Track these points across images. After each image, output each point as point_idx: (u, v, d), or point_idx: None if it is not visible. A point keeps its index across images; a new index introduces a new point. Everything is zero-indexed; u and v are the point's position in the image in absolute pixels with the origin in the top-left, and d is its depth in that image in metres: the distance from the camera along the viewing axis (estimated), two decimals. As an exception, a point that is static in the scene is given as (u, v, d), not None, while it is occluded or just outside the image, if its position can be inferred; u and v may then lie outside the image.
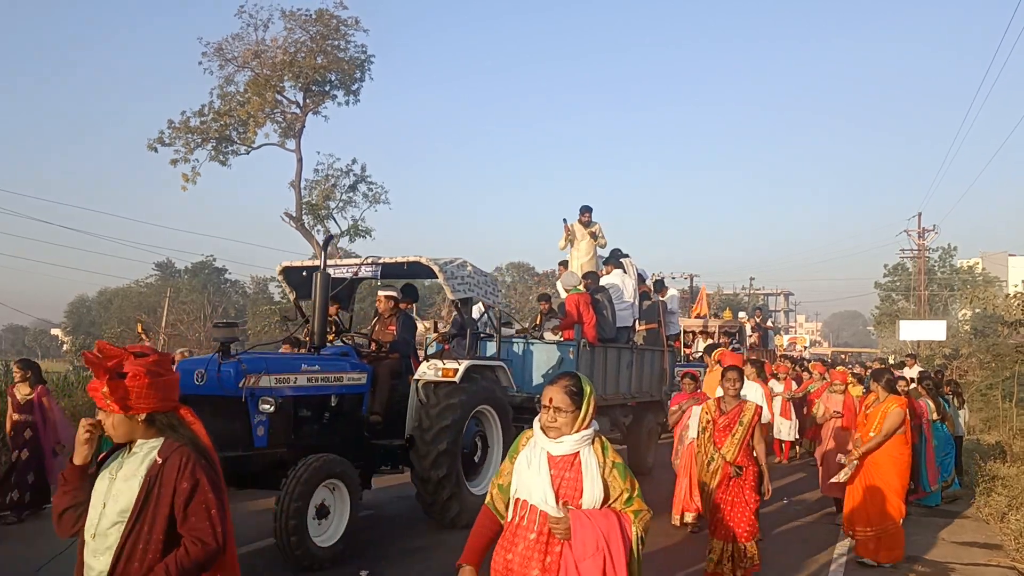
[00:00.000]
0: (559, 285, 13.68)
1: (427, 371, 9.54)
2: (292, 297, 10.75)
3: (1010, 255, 75.12)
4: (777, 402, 15.36)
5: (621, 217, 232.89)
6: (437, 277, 9.52)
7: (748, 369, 12.94)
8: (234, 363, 7.97)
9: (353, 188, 39.85)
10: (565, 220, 14.81)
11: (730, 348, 25.61)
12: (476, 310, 12.95)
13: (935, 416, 12.26)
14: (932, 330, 42.65)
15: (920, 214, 50.70)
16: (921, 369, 21.46)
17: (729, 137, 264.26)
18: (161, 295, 60.81)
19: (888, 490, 8.61)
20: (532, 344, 12.00)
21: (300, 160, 38.28)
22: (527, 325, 13.42)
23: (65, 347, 75.96)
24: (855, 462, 8.62)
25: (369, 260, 9.70)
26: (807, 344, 62.45)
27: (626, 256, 14.64)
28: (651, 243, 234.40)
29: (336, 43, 37.80)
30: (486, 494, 3.98)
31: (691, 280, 59.48)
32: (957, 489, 13.01)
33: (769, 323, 34.52)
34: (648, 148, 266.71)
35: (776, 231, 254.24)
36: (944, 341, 42.25)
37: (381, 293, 10.19)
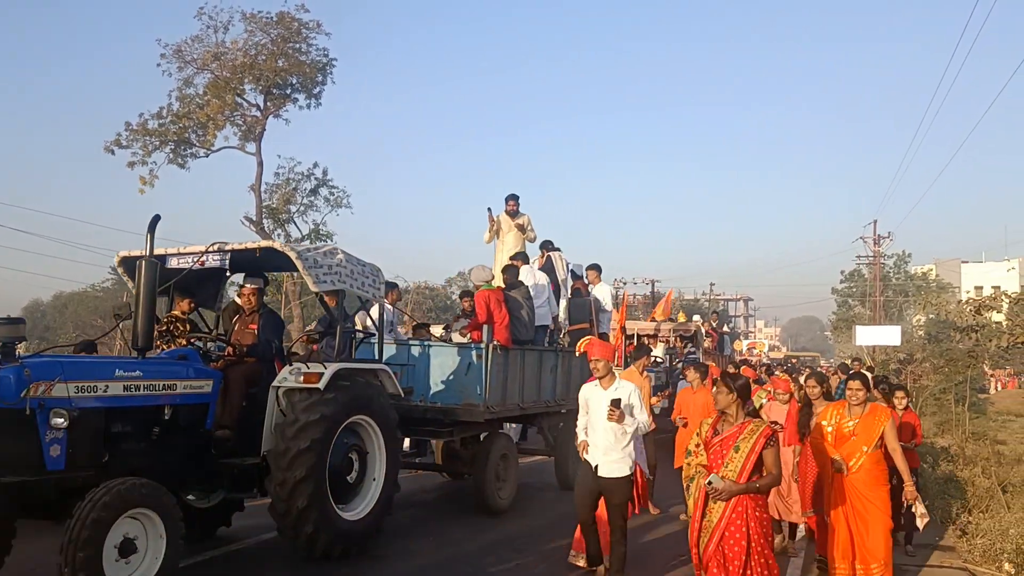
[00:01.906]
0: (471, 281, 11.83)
1: (288, 377, 7.68)
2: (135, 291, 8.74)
3: (962, 262, 74.77)
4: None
5: (581, 222, 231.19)
6: (296, 267, 7.63)
7: (692, 374, 11.33)
8: (15, 368, 6.07)
9: (314, 192, 37.78)
10: (490, 210, 13.00)
11: (685, 352, 24.13)
12: (375, 310, 11.11)
13: None
14: (887, 335, 41.99)
15: (876, 221, 50.22)
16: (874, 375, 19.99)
17: (688, 142, 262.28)
18: (118, 299, 58.40)
19: (884, 513, 7.10)
20: (430, 347, 10.15)
21: (261, 163, 36.18)
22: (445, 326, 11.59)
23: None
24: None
25: (215, 246, 7.80)
26: (766, 349, 60.91)
27: (556, 249, 12.83)
28: (612, 248, 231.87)
29: (297, 46, 35.79)
30: (362, 518, 3.43)
31: (652, 285, 57.89)
32: None
33: (726, 327, 32.83)
34: (609, 153, 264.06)
35: (736, 237, 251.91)
36: (899, 346, 41.33)
37: (247, 285, 8.31)
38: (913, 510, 7.50)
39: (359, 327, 10.21)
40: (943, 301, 33.17)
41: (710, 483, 5.47)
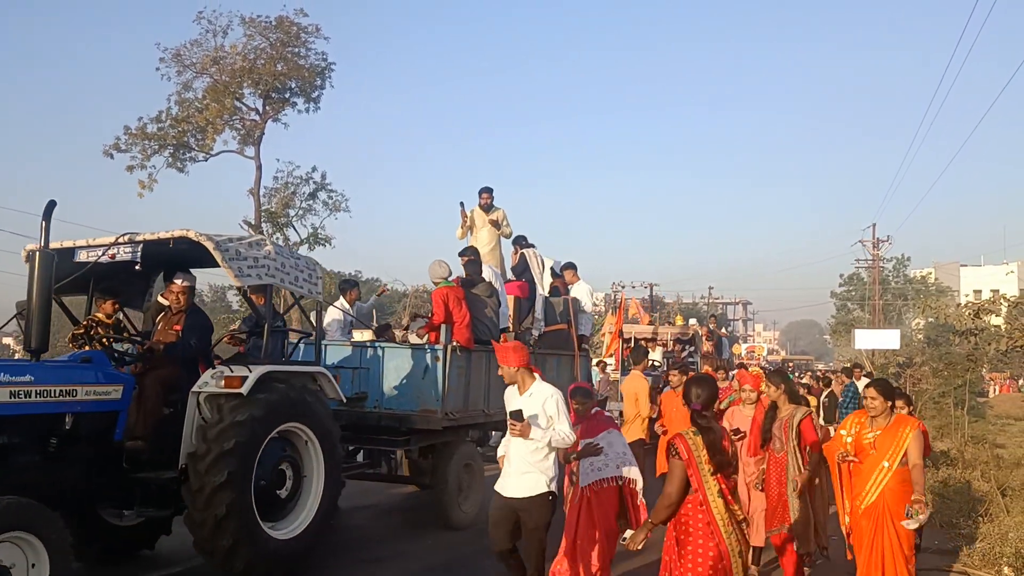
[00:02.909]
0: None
1: (209, 381, 6.73)
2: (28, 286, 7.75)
3: (961, 265, 73.72)
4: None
5: (580, 223, 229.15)
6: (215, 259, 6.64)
7: (676, 378, 10.36)
8: None
9: (313, 196, 36.83)
10: (462, 204, 12.01)
11: (683, 356, 23.17)
12: (331, 313, 10.16)
13: None
14: (886, 339, 40.69)
15: (875, 225, 49.17)
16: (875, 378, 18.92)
17: (687, 146, 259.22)
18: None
19: (905, 546, 6.07)
20: (385, 349, 9.18)
21: (259, 167, 35.43)
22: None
23: (17, 355, 72.85)
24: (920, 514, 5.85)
25: (125, 237, 6.83)
26: (765, 353, 59.73)
27: (531, 246, 11.84)
28: (610, 251, 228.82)
29: (296, 50, 35.09)
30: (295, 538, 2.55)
31: (651, 289, 56.69)
32: None
33: (723, 331, 31.83)
34: (608, 155, 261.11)
35: (734, 241, 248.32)
36: (898, 350, 40.07)
37: (177, 283, 7.33)
38: (908, 513, 6.37)
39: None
40: (942, 305, 32.56)
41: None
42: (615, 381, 18.14)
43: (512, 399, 6.11)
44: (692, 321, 29.82)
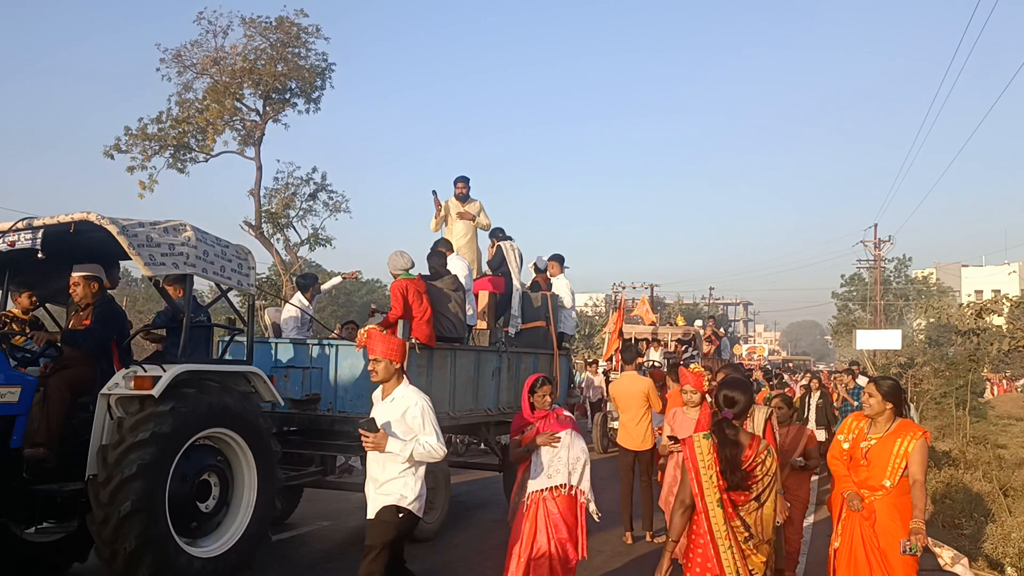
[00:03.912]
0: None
1: (120, 382, 5.87)
2: None
3: (963, 266, 72.62)
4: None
5: (580, 224, 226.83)
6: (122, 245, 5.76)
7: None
8: None
9: (313, 197, 36.05)
10: (435, 193, 11.12)
11: (685, 356, 22.34)
12: (287, 310, 9.28)
13: None
14: (888, 339, 39.72)
15: (876, 225, 48.40)
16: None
17: (689, 147, 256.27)
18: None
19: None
20: (338, 347, 8.29)
21: (260, 168, 34.65)
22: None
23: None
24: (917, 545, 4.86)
25: (23, 222, 5.96)
26: (766, 353, 58.55)
27: (508, 238, 10.96)
28: (611, 251, 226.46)
29: (296, 51, 34.33)
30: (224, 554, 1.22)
31: (651, 290, 55.57)
32: None
33: (721, 330, 30.92)
34: (609, 155, 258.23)
35: (735, 241, 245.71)
36: (899, 350, 39.08)
37: (75, 274, 6.44)
38: (905, 549, 5.43)
39: (268, 325, 8.42)
40: (944, 305, 32.03)
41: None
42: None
43: (374, 405, 5.22)
44: (697, 323, 28.93)
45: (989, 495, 10.57)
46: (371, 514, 5.01)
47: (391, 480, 4.95)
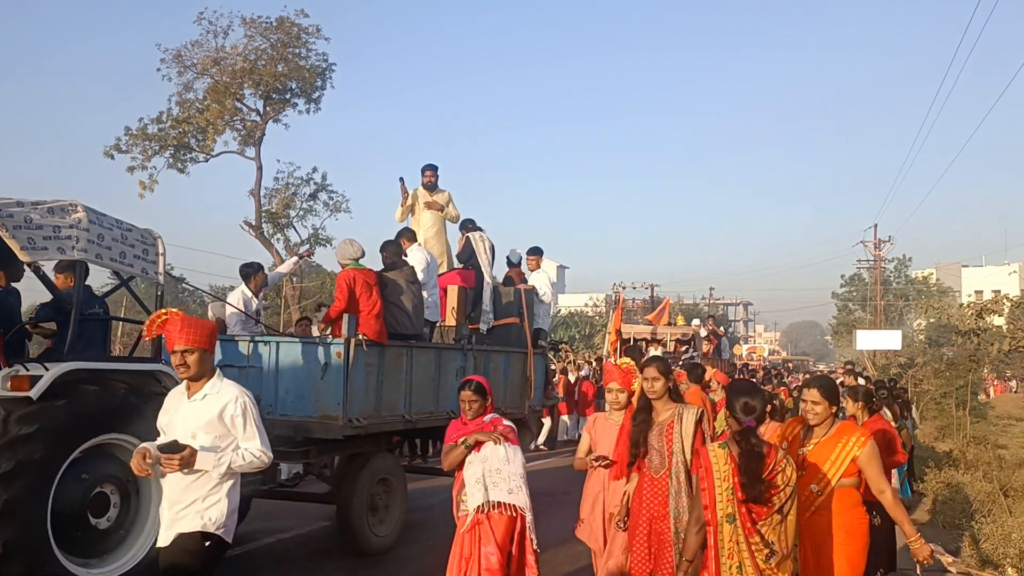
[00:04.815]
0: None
1: (-4, 382, 5.00)
2: None
3: (963, 266, 71.69)
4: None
5: (580, 224, 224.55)
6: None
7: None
8: None
9: (313, 197, 35.39)
10: (402, 180, 10.25)
11: (685, 356, 21.53)
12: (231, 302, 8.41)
13: (893, 425, 9.60)
14: (888, 339, 39.07)
15: (876, 225, 47.44)
16: (877, 379, 17.47)
17: (689, 147, 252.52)
18: (116, 304, 55.72)
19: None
20: (276, 344, 7.38)
21: (260, 168, 34.02)
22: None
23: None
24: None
25: None
26: (766, 353, 57.44)
27: (479, 229, 10.07)
28: (611, 252, 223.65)
29: (297, 51, 33.73)
30: None
31: (652, 290, 54.68)
32: (908, 497, 11.22)
33: (721, 329, 30.07)
34: (611, 157, 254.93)
35: (735, 241, 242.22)
36: (899, 350, 38.49)
37: None
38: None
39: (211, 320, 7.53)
40: (944, 305, 31.15)
41: None
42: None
43: (175, 408, 4.18)
44: (695, 322, 28.15)
45: (989, 495, 10.29)
46: (165, 542, 4.05)
47: (195, 501, 3.98)
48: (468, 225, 10.07)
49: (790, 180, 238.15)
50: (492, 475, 4.86)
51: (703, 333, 23.53)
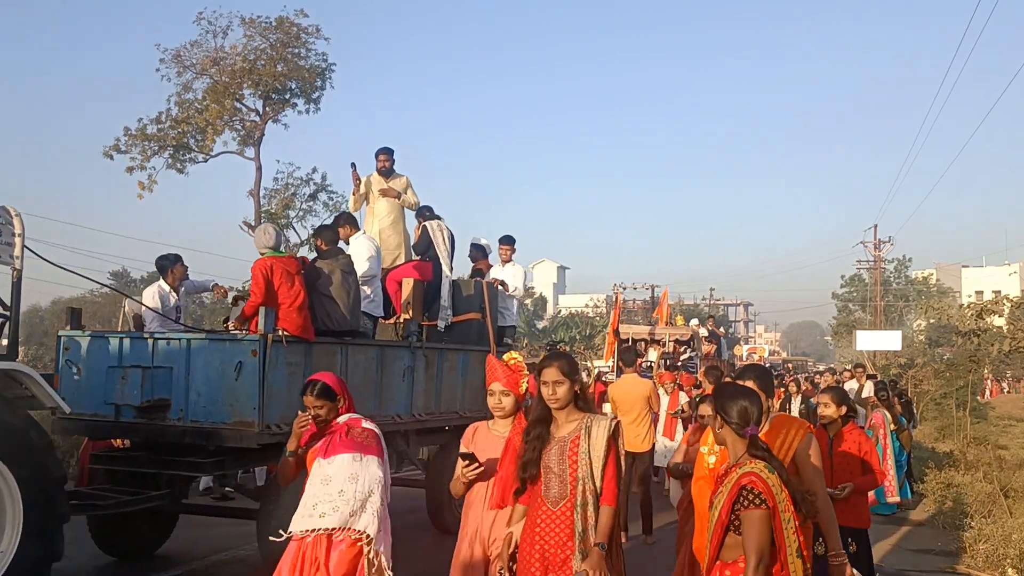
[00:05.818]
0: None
1: None
2: None
3: (963, 267, 70.67)
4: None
5: (579, 224, 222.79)
6: None
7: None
8: None
9: (313, 197, 34.77)
10: (354, 166, 9.25)
11: (684, 357, 20.65)
12: (146, 298, 7.44)
13: (892, 426, 10.62)
14: (888, 340, 38.28)
15: (876, 226, 46.24)
16: (877, 380, 16.35)
17: (689, 147, 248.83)
18: (117, 305, 54.78)
19: None
20: (187, 342, 6.40)
21: (259, 168, 33.37)
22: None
23: (18, 358, 69.78)
24: None
25: None
26: (766, 354, 56.34)
27: (436, 217, 9.08)
28: (611, 252, 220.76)
29: (296, 51, 33.10)
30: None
31: (652, 291, 53.72)
32: (908, 499, 11.47)
33: (720, 330, 29.13)
34: (610, 158, 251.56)
35: (736, 242, 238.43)
36: (899, 351, 37.79)
37: None
38: None
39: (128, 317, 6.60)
40: (944, 305, 30.44)
41: None
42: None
43: None
44: (693, 322, 27.25)
45: (989, 496, 10.27)
46: None
47: None
48: (425, 213, 9.07)
49: (790, 180, 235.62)
50: (327, 494, 3.86)
51: (703, 333, 22.70)
